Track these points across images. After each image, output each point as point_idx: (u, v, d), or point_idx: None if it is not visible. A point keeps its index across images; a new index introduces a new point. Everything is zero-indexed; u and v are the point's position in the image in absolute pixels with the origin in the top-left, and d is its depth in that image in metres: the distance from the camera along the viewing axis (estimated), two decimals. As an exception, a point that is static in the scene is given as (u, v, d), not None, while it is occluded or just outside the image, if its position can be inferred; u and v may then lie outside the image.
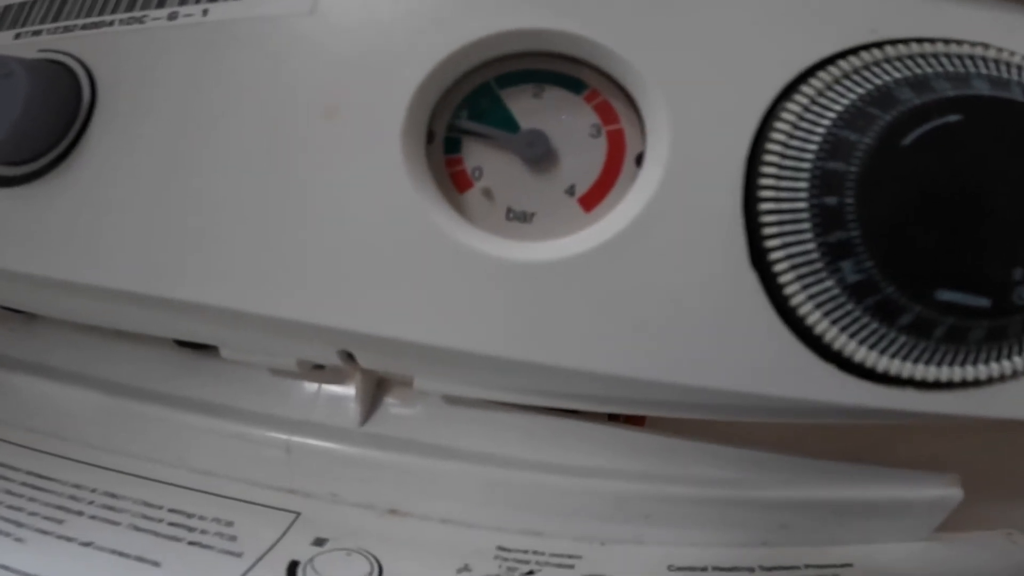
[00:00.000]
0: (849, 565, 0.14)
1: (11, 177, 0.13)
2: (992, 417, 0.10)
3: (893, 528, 0.14)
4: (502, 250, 0.11)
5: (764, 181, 0.10)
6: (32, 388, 0.17)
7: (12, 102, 0.13)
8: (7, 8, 0.16)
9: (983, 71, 0.11)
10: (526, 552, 0.14)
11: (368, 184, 0.12)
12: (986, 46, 0.11)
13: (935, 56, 0.11)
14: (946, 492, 0.13)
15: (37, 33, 0.15)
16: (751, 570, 0.14)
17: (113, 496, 0.15)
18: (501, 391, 0.13)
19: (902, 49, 0.11)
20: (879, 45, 0.11)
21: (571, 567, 0.14)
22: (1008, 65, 0.11)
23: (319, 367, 0.15)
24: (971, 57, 0.11)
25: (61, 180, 0.13)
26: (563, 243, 0.11)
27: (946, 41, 0.11)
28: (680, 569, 0.14)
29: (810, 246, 0.10)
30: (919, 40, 0.11)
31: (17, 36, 0.16)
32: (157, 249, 0.12)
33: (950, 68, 0.11)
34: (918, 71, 0.11)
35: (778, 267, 0.10)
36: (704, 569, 0.14)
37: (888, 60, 0.11)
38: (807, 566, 0.14)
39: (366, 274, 0.12)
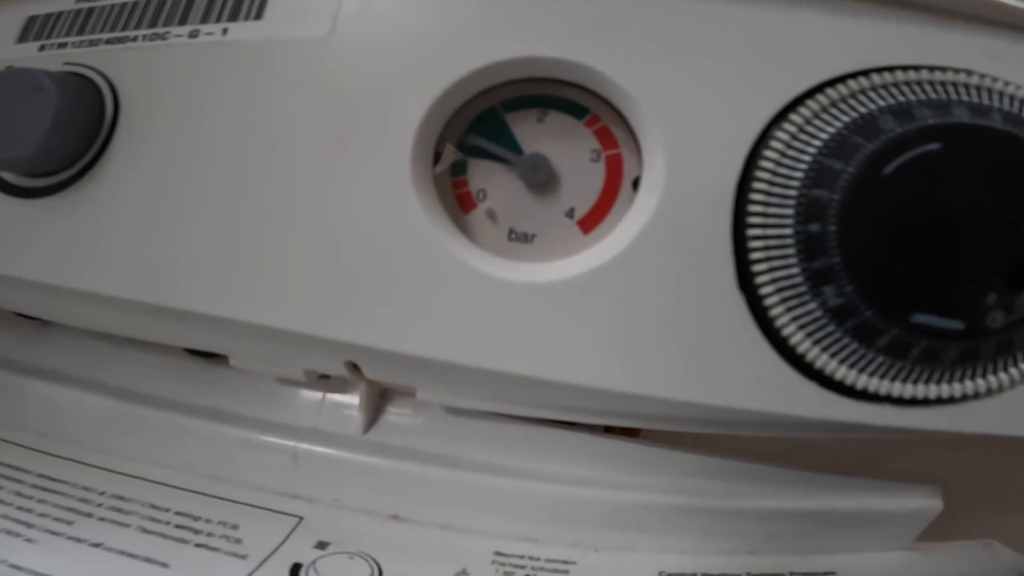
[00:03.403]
0: (832, 573, 0.14)
1: (36, 188, 0.14)
2: (967, 432, 0.11)
3: (875, 537, 0.14)
4: (505, 271, 0.12)
5: (752, 208, 0.11)
6: (43, 393, 0.17)
7: (42, 116, 0.14)
8: (32, 19, 0.17)
9: (964, 98, 0.11)
10: (522, 557, 0.15)
11: (379, 204, 0.12)
12: (969, 72, 0.12)
13: (919, 83, 0.12)
14: (926, 503, 0.14)
15: (63, 46, 0.16)
16: None
17: (121, 499, 0.15)
18: (501, 403, 0.14)
19: (887, 77, 0.12)
20: (866, 73, 0.12)
21: (566, 572, 0.14)
22: (990, 92, 0.12)
23: (324, 376, 0.16)
24: (954, 84, 0.12)
25: (84, 193, 0.14)
26: (562, 265, 0.12)
27: (931, 68, 0.12)
28: (671, 575, 0.14)
29: (794, 271, 0.11)
30: (904, 68, 0.12)
31: (42, 48, 0.16)
32: (174, 262, 0.13)
33: (933, 96, 0.11)
34: (901, 99, 0.11)
35: (764, 290, 0.11)
36: (694, 575, 0.14)
37: (874, 88, 0.11)
38: (792, 573, 0.14)
39: (375, 290, 0.12)
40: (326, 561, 0.14)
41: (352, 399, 0.16)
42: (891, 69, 0.12)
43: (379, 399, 0.16)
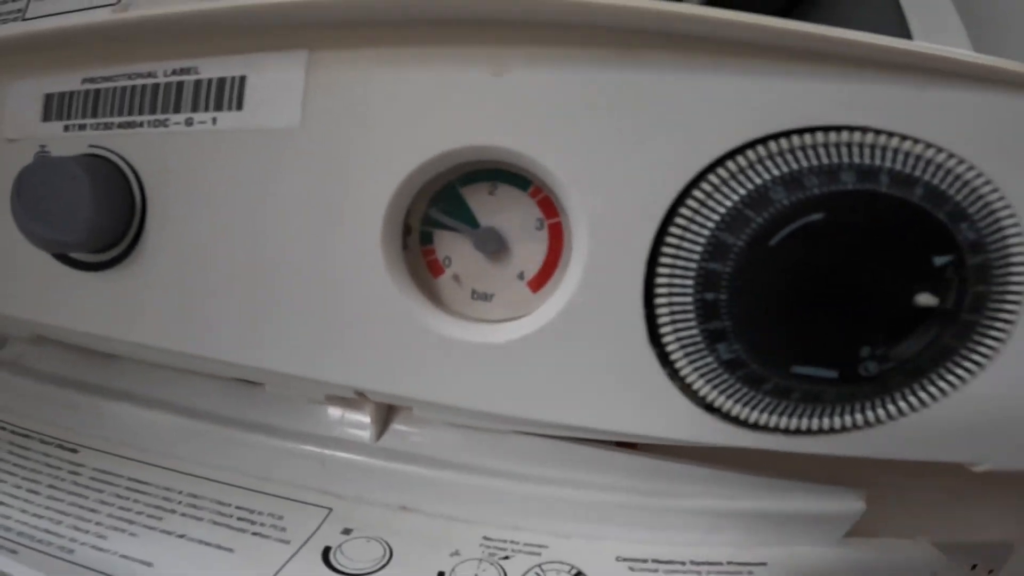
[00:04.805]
0: (764, 564, 0.19)
1: (94, 263, 0.20)
2: (851, 456, 0.15)
3: (805, 533, 0.19)
4: (461, 333, 0.16)
5: (660, 280, 0.15)
6: (118, 411, 0.24)
7: (82, 203, 0.19)
8: (50, 97, 0.22)
9: (855, 160, 0.14)
10: (504, 541, 0.20)
11: (357, 275, 0.17)
12: (864, 131, 0.14)
13: (813, 147, 0.14)
14: (850, 505, 0.18)
15: (83, 127, 0.21)
16: (683, 563, 0.19)
17: (195, 496, 0.22)
18: (473, 421, 0.19)
19: (783, 144, 0.14)
20: (764, 141, 0.14)
21: (539, 554, 0.20)
22: (883, 150, 0.14)
23: (340, 396, 0.22)
24: (847, 145, 0.14)
25: (131, 268, 0.19)
26: (509, 327, 0.16)
27: (825, 130, 0.14)
28: (626, 559, 0.20)
29: (694, 332, 0.15)
30: (800, 132, 0.14)
31: (66, 128, 0.21)
32: (204, 320, 0.19)
33: (824, 161, 0.14)
34: (794, 167, 0.14)
35: (670, 347, 0.15)
36: (645, 560, 0.20)
37: (770, 156, 0.14)
38: (729, 562, 0.19)
39: (357, 344, 0.17)
40: (350, 544, 0.20)
41: (363, 414, 0.22)
42: (787, 134, 0.14)
43: (387, 414, 0.22)
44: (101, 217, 0.19)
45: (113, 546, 0.19)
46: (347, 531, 0.21)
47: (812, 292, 0.14)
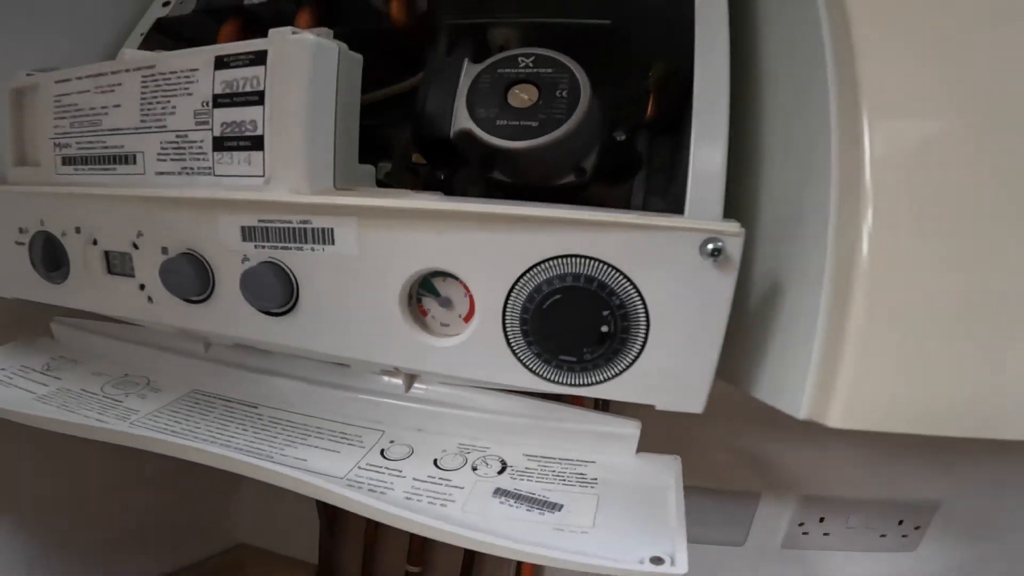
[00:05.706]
0: (593, 462, 0.42)
1: (277, 313, 0.47)
2: (606, 398, 0.38)
3: (613, 447, 0.42)
4: (433, 342, 0.42)
5: (506, 320, 0.39)
6: (276, 382, 0.52)
7: (274, 290, 0.46)
8: (243, 228, 0.48)
9: (572, 271, 0.38)
10: (468, 445, 0.46)
11: (390, 319, 0.42)
12: (577, 257, 0.37)
13: (557, 265, 0.38)
14: (631, 430, 0.41)
15: (263, 247, 0.48)
16: (555, 458, 0.44)
17: (319, 428, 0.49)
18: (447, 380, 0.44)
19: (550, 264, 0.39)
20: (542, 262, 0.38)
21: (484, 451, 0.45)
22: (584, 264, 0.38)
23: (388, 370, 0.47)
24: (570, 263, 0.38)
25: (294, 316, 0.47)
26: (450, 339, 0.41)
27: (563, 257, 0.38)
28: (528, 455, 0.44)
29: (522, 341, 0.39)
30: (552, 258, 0.38)
31: (255, 247, 0.48)
32: (328, 337, 0.45)
33: (561, 272, 0.38)
34: (550, 274, 0.39)
35: (514, 347, 0.41)
36: (537, 456, 0.44)
37: (542, 270, 0.38)
38: (577, 459, 0.43)
39: (394, 346, 0.42)
40: (393, 447, 0.47)
41: (399, 379, 0.47)
42: (548, 260, 0.38)
43: (410, 379, 0.48)
44: (282, 296, 0.46)
45: (288, 453, 0.46)
46: (392, 441, 0.47)
47: (560, 326, 0.37)
